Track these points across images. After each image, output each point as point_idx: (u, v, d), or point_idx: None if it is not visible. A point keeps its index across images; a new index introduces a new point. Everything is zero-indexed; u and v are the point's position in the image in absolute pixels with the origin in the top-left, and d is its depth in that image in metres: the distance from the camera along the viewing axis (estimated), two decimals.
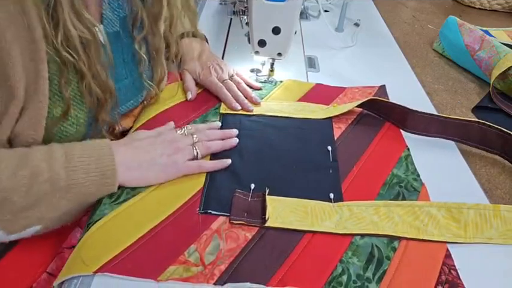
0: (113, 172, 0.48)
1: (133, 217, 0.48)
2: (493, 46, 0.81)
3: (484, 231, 0.49)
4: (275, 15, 0.65)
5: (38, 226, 0.46)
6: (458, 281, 0.44)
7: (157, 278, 0.42)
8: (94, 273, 0.41)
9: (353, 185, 0.54)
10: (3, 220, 0.43)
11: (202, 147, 0.56)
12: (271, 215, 0.48)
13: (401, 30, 1.08)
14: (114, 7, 0.55)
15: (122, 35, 0.57)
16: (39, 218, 0.45)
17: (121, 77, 0.58)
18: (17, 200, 0.42)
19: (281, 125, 0.64)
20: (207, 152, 0.57)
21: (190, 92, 0.69)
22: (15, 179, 0.42)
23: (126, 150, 0.51)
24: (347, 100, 0.71)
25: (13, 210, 0.43)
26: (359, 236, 0.48)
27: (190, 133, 0.58)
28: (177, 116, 0.64)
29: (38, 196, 0.44)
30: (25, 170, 0.43)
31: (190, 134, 0.57)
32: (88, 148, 0.48)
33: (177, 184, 0.53)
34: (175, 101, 0.68)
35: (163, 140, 0.55)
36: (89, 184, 0.46)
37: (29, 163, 0.44)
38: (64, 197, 0.45)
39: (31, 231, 0.46)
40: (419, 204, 0.51)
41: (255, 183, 0.53)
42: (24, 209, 0.43)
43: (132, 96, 0.62)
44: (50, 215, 0.45)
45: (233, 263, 0.44)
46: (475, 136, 0.62)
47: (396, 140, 0.63)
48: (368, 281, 0.43)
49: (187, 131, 0.58)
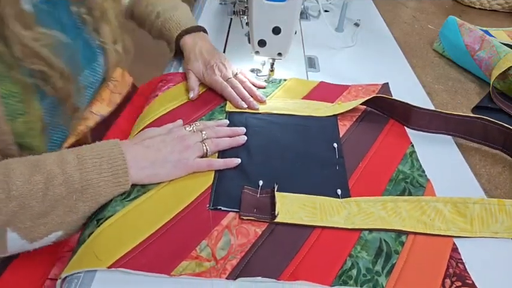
0: (125, 171, 0.48)
1: (144, 214, 0.48)
2: (493, 46, 0.82)
3: (490, 225, 0.50)
4: (275, 15, 0.66)
5: (59, 231, 0.46)
6: (466, 273, 0.44)
7: (171, 273, 0.42)
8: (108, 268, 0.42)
9: (360, 181, 0.55)
10: (24, 228, 0.43)
11: (211, 144, 0.56)
12: (280, 211, 0.49)
13: (401, 30, 1.09)
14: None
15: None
16: (58, 223, 0.45)
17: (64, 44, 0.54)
18: (35, 205, 0.43)
19: (287, 123, 0.65)
20: (216, 149, 0.57)
21: (193, 91, 0.69)
22: (30, 184, 0.43)
23: (137, 149, 0.52)
24: (351, 98, 0.72)
25: (32, 216, 0.43)
26: (367, 231, 0.48)
27: (199, 130, 0.58)
28: (183, 115, 0.64)
29: (55, 200, 0.44)
30: (40, 175, 0.44)
31: (199, 130, 0.58)
32: (98, 149, 0.48)
33: (187, 181, 0.53)
34: (181, 102, 0.69)
35: (173, 137, 0.55)
36: (102, 184, 0.47)
37: (42, 168, 0.44)
38: (80, 199, 0.45)
39: (52, 237, 0.46)
40: (426, 200, 0.52)
41: (263, 180, 0.53)
42: (43, 214, 0.44)
43: (86, 64, 0.59)
44: (68, 218, 0.45)
45: (244, 257, 0.44)
46: (478, 132, 0.63)
47: (401, 137, 0.64)
48: (377, 274, 0.44)
49: (196, 128, 0.59)
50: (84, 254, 0.44)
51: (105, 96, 0.66)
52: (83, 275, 0.42)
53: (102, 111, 0.64)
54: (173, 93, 0.70)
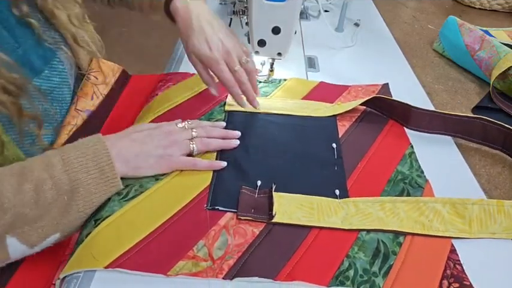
0: (111, 167, 0.48)
1: (142, 214, 0.48)
2: (493, 46, 0.82)
3: (488, 226, 0.49)
4: (275, 15, 0.65)
5: (57, 234, 0.45)
6: (463, 275, 0.44)
7: (167, 273, 0.42)
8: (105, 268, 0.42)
9: (358, 181, 0.55)
10: (22, 233, 0.43)
11: (200, 143, 0.55)
12: (278, 211, 0.49)
13: (401, 30, 1.09)
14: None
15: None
16: (55, 225, 0.45)
17: (12, 48, 0.51)
18: (29, 212, 0.43)
19: (286, 123, 0.65)
20: (205, 149, 0.57)
21: (213, 87, 0.65)
22: (21, 194, 0.42)
23: (123, 142, 0.51)
24: (351, 98, 0.72)
25: (28, 221, 0.43)
26: (365, 232, 0.48)
27: (190, 127, 0.57)
28: (182, 114, 0.63)
29: (48, 203, 0.44)
30: (28, 184, 0.43)
31: (191, 128, 0.57)
32: (82, 148, 0.47)
33: (184, 181, 0.53)
34: (180, 101, 0.68)
35: (161, 132, 0.54)
36: (91, 182, 0.46)
37: (30, 176, 0.44)
38: (72, 199, 0.45)
39: (51, 240, 0.45)
40: (424, 200, 0.52)
41: (261, 180, 0.53)
42: (38, 218, 0.43)
43: (42, 65, 0.55)
44: (64, 220, 0.45)
45: (241, 257, 0.44)
46: (477, 132, 0.63)
47: (400, 137, 0.64)
48: (374, 275, 0.44)
49: (188, 125, 0.57)
50: (82, 254, 0.44)
51: (87, 91, 0.64)
52: (82, 275, 0.42)
53: (88, 106, 0.62)
54: (173, 92, 0.70)
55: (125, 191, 0.50)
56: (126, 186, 0.50)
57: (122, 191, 0.50)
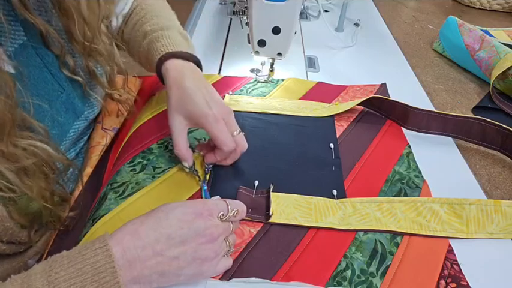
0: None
1: (138, 212, 0.47)
2: (493, 46, 0.82)
3: (486, 226, 0.49)
4: (275, 15, 0.65)
5: None
6: (461, 275, 0.44)
7: None
8: None
9: (355, 182, 0.55)
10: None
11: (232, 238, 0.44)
12: (275, 211, 0.49)
13: (401, 30, 1.09)
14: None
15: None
16: None
17: (56, 94, 0.47)
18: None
19: (284, 123, 0.65)
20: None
21: (186, 161, 0.53)
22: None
23: (144, 262, 0.36)
24: (349, 98, 0.72)
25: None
26: (362, 232, 0.48)
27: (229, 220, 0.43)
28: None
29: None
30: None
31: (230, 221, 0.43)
32: (78, 264, 0.34)
33: (182, 179, 0.53)
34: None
35: (194, 257, 0.39)
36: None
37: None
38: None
39: None
40: (422, 201, 0.51)
41: (258, 180, 0.53)
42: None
43: (82, 106, 0.52)
44: None
45: (238, 258, 0.44)
46: (476, 133, 0.63)
47: (398, 138, 0.64)
48: (372, 275, 0.44)
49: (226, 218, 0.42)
50: None
51: (111, 109, 0.61)
52: None
53: (114, 124, 0.60)
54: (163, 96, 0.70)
55: (121, 188, 0.50)
56: (122, 183, 0.50)
57: (119, 189, 0.50)
